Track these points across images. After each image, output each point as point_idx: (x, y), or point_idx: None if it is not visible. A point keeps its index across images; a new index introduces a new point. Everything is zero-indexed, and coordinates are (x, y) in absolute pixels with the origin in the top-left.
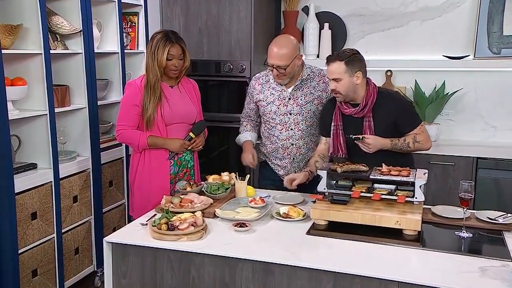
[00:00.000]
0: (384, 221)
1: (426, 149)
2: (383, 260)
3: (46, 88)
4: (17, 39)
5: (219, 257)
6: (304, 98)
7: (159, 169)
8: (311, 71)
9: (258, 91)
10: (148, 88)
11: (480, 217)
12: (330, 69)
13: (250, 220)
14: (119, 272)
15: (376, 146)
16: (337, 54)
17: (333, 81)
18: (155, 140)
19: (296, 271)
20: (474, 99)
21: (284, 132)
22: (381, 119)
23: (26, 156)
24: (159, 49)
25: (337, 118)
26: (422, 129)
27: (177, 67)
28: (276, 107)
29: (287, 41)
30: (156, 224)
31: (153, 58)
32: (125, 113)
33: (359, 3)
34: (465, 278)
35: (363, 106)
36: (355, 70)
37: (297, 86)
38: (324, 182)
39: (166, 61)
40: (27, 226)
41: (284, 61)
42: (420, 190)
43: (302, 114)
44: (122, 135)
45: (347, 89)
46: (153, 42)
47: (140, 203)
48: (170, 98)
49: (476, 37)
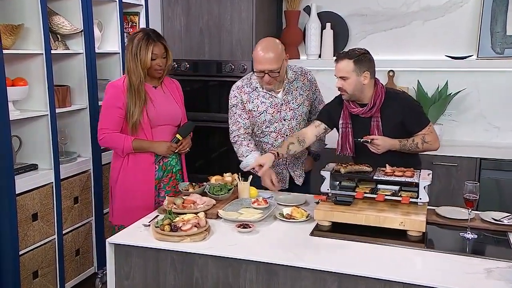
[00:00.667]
0: (388, 222)
1: (435, 149)
2: (387, 261)
3: (47, 88)
4: (18, 39)
5: (222, 258)
6: (296, 101)
7: (144, 174)
8: (293, 72)
9: (247, 100)
10: (132, 91)
11: (485, 218)
12: (338, 67)
13: (254, 221)
14: (122, 273)
15: (384, 147)
16: (346, 53)
17: (340, 79)
18: (141, 144)
19: (301, 272)
20: (477, 100)
21: (280, 139)
22: (389, 119)
23: (27, 157)
24: (142, 49)
25: (346, 116)
26: (431, 129)
27: (161, 66)
28: (270, 116)
29: (273, 43)
30: (159, 225)
31: (136, 60)
32: (107, 116)
33: (361, 3)
34: (470, 279)
35: (371, 106)
36: (363, 70)
37: (286, 90)
38: (328, 183)
39: (150, 61)
40: (28, 227)
41: (275, 64)
42: (424, 191)
43: (295, 118)
44: (105, 140)
45: (353, 88)
46: (134, 42)
47: (122, 209)
48: (154, 99)
49: (479, 37)
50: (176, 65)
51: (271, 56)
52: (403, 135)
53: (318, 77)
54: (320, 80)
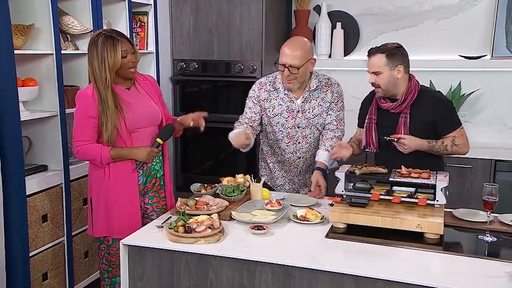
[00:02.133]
0: (405, 224)
1: (464, 153)
2: (405, 264)
3: (57, 88)
4: (29, 39)
5: (237, 260)
6: (313, 111)
7: (126, 181)
8: (318, 81)
9: (264, 98)
10: (101, 101)
11: (503, 221)
12: (371, 62)
13: (267, 222)
14: (135, 275)
15: (411, 147)
16: (379, 47)
17: (373, 74)
18: (119, 152)
19: (317, 274)
20: (491, 100)
21: (291, 145)
22: (419, 117)
23: (37, 158)
24: (109, 49)
25: (372, 111)
26: (462, 132)
27: (134, 62)
28: (284, 120)
29: (302, 41)
30: (172, 226)
31: (103, 63)
32: (81, 127)
33: (372, 2)
34: (492, 283)
35: (401, 101)
36: (396, 64)
37: (306, 98)
38: (342, 184)
39: (120, 59)
40: (38, 229)
41: (298, 60)
42: (441, 193)
43: (310, 128)
44: (80, 152)
45: (387, 83)
46: (98, 45)
47: (105, 219)
48: (130, 102)
49: (494, 36)
50: (185, 65)
51: (297, 52)
52: (431, 135)
53: None
54: None
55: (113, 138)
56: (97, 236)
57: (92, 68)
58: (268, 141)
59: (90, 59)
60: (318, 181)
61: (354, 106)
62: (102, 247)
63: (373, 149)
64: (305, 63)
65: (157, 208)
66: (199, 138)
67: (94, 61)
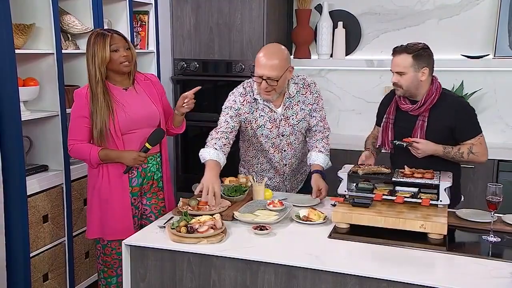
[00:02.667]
0: (409, 225)
1: (481, 162)
2: (409, 264)
3: (58, 88)
4: (30, 38)
5: (240, 260)
6: (296, 117)
7: (117, 184)
8: (295, 84)
9: (247, 111)
10: (93, 98)
11: (507, 221)
12: (395, 62)
13: (270, 223)
14: (138, 276)
15: (425, 152)
16: (405, 47)
17: (397, 74)
18: (108, 154)
19: (320, 275)
20: (494, 100)
21: (277, 154)
22: (438, 121)
23: (37, 158)
24: (98, 45)
25: (390, 111)
26: (481, 140)
27: (127, 57)
28: (268, 131)
29: (278, 50)
30: (175, 226)
31: (93, 58)
32: (74, 126)
33: (374, 1)
34: (496, 284)
35: (421, 104)
36: (422, 66)
37: (286, 105)
38: (345, 184)
39: (110, 53)
40: (39, 229)
41: (276, 71)
42: (445, 193)
43: (294, 134)
44: (73, 151)
45: (409, 85)
46: (90, 43)
47: (98, 221)
48: (125, 103)
49: (497, 35)
50: (186, 64)
51: (274, 62)
52: (448, 140)
53: (329, 77)
54: (332, 80)
55: (103, 138)
56: (91, 238)
57: (87, 66)
58: (251, 150)
59: (86, 57)
60: (319, 186)
61: (355, 105)
62: (98, 247)
63: (388, 149)
64: (283, 74)
65: (155, 209)
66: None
67: (88, 58)
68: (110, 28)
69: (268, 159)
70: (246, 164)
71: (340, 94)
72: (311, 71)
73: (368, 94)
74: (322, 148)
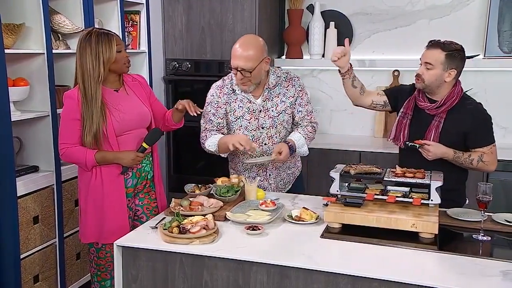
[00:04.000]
0: (400, 224)
1: (489, 171)
2: (401, 264)
3: (48, 88)
4: (19, 38)
5: (232, 261)
6: (276, 109)
7: (113, 185)
8: (277, 76)
9: (225, 102)
10: (88, 100)
11: (497, 220)
12: (428, 53)
13: (262, 223)
14: (130, 277)
15: (436, 155)
16: (442, 43)
17: (424, 65)
18: (105, 156)
19: (313, 275)
20: (484, 100)
21: (258, 148)
22: (453, 124)
23: (28, 159)
24: (104, 44)
25: (409, 106)
26: (493, 150)
27: (128, 57)
28: (247, 122)
29: (253, 41)
30: (167, 227)
31: (97, 58)
32: (66, 129)
33: (366, 2)
34: (487, 282)
35: (440, 104)
36: (452, 67)
37: (266, 96)
38: (337, 184)
39: (115, 54)
40: (29, 231)
41: (250, 63)
42: (436, 193)
43: (275, 127)
44: (65, 155)
45: (433, 81)
46: (91, 42)
47: (92, 224)
48: (118, 105)
49: (486, 36)
50: (178, 64)
51: (248, 53)
52: (459, 145)
53: (321, 77)
54: (324, 80)
55: (97, 140)
56: (87, 242)
57: (84, 66)
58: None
59: (80, 58)
60: (281, 148)
61: (347, 105)
62: (92, 251)
63: (401, 145)
64: (258, 65)
65: (147, 210)
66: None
67: (87, 58)
68: (103, 28)
69: (249, 155)
70: (232, 164)
71: (332, 94)
72: (303, 71)
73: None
74: (301, 130)
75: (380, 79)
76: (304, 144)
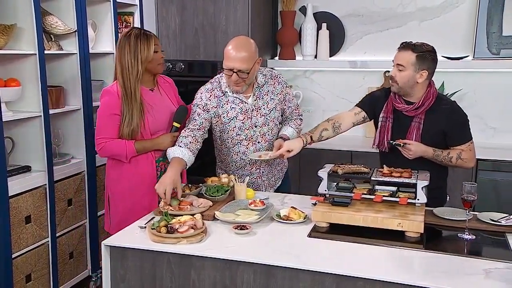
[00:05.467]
0: (386, 223)
1: (468, 168)
2: (386, 262)
3: (40, 89)
4: (11, 39)
5: (219, 260)
6: (267, 107)
7: (145, 177)
8: (263, 75)
9: (215, 106)
10: (127, 96)
11: (482, 219)
12: (399, 55)
13: (250, 222)
14: (118, 276)
15: (416, 153)
16: (413, 45)
17: (397, 67)
18: (144, 144)
19: (298, 274)
20: (474, 100)
21: (251, 147)
22: (432, 124)
23: (20, 159)
24: (142, 44)
25: (388, 110)
26: (470, 147)
27: (163, 58)
28: (240, 122)
29: (247, 42)
30: (155, 227)
31: (136, 57)
32: (104, 124)
33: (357, 3)
34: (469, 281)
35: (418, 106)
36: (423, 68)
37: (256, 95)
38: (325, 184)
39: (153, 54)
40: (21, 230)
41: (246, 64)
42: (422, 192)
43: (267, 124)
44: (105, 149)
45: (405, 83)
46: (131, 41)
47: (122, 216)
48: (153, 105)
49: (475, 37)
50: (171, 65)
51: (244, 55)
52: (440, 144)
53: (313, 78)
54: (316, 81)
55: (134, 134)
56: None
57: (123, 63)
58: (225, 147)
59: (120, 55)
60: (281, 145)
61: (339, 105)
62: None
63: (385, 149)
64: (253, 66)
65: None
66: None
67: (126, 55)
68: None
69: (242, 154)
70: (222, 165)
71: (324, 94)
72: (296, 72)
73: (352, 95)
74: (292, 124)
75: (371, 80)
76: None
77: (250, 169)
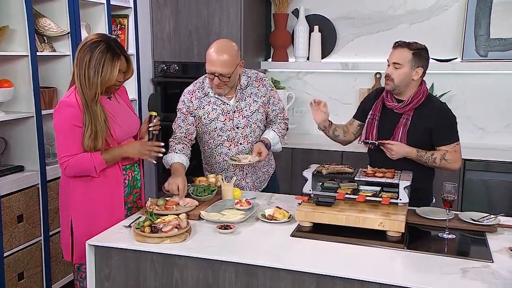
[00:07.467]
0: (368, 223)
1: (453, 169)
2: (366, 262)
3: (32, 90)
4: (3, 40)
5: (202, 260)
6: (249, 109)
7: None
8: (247, 77)
9: (197, 107)
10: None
11: (463, 219)
12: (395, 53)
13: (235, 222)
14: (102, 275)
15: (399, 153)
16: (408, 43)
17: (393, 65)
18: (112, 153)
19: (279, 273)
20: (462, 101)
21: (233, 148)
22: (420, 121)
23: (13, 159)
24: (106, 64)
25: (377, 108)
26: (456, 148)
27: (121, 82)
28: (221, 123)
29: (228, 45)
30: (139, 226)
31: (97, 75)
32: (66, 139)
33: (349, 6)
34: (446, 280)
35: (407, 103)
36: (418, 65)
37: (238, 96)
38: (310, 183)
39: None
40: (13, 229)
41: (228, 68)
42: (404, 192)
43: (249, 126)
44: (70, 166)
45: (401, 80)
46: (95, 55)
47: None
48: (115, 113)
49: (464, 40)
50: (166, 67)
51: (225, 58)
52: (427, 143)
53: (306, 80)
54: (309, 82)
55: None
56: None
57: (81, 74)
58: (208, 148)
59: (80, 62)
60: (260, 149)
61: (331, 107)
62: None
63: (371, 146)
64: (235, 69)
65: None
66: None
67: (86, 67)
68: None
69: (225, 154)
70: (208, 165)
71: (316, 95)
72: (289, 73)
73: (344, 96)
74: (275, 128)
75: (362, 82)
76: (278, 142)
77: (234, 171)
